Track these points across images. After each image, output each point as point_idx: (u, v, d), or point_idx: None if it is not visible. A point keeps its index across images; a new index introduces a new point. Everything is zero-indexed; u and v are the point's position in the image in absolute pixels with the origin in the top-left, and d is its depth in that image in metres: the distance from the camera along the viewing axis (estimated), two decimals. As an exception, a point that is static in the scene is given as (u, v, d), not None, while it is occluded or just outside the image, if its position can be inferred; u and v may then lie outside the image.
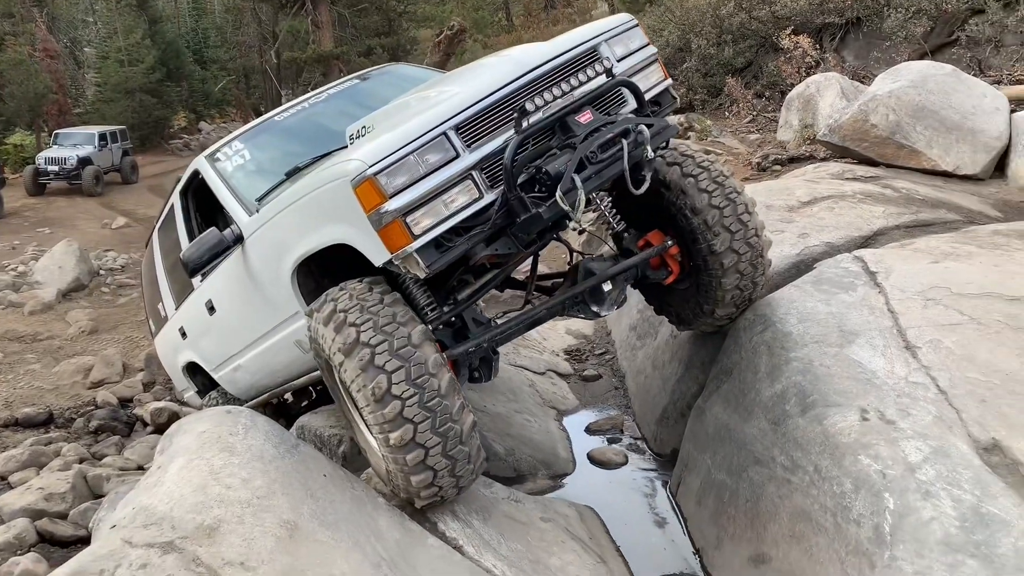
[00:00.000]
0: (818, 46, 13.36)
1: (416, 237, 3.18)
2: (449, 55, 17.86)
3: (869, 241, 5.64)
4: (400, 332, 3.32)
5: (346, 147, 4.00)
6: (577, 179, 3.25)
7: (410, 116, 3.46)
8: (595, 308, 4.05)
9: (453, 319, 3.80)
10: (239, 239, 4.25)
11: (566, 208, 3.24)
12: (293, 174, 4.34)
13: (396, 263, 3.26)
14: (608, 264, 4.16)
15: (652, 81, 3.93)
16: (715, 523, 4.14)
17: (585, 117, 3.44)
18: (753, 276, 4.34)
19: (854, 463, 3.38)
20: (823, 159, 8.35)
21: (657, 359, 5.76)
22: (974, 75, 9.05)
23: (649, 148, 3.44)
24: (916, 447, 3.28)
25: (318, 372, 4.20)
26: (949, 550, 2.84)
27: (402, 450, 3.34)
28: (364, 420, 3.58)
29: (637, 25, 3.96)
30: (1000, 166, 7.31)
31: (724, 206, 4.10)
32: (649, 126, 3.49)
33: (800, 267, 5.26)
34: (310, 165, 4.33)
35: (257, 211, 4.20)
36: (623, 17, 4.04)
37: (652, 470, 5.18)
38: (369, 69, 5.59)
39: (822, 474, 3.50)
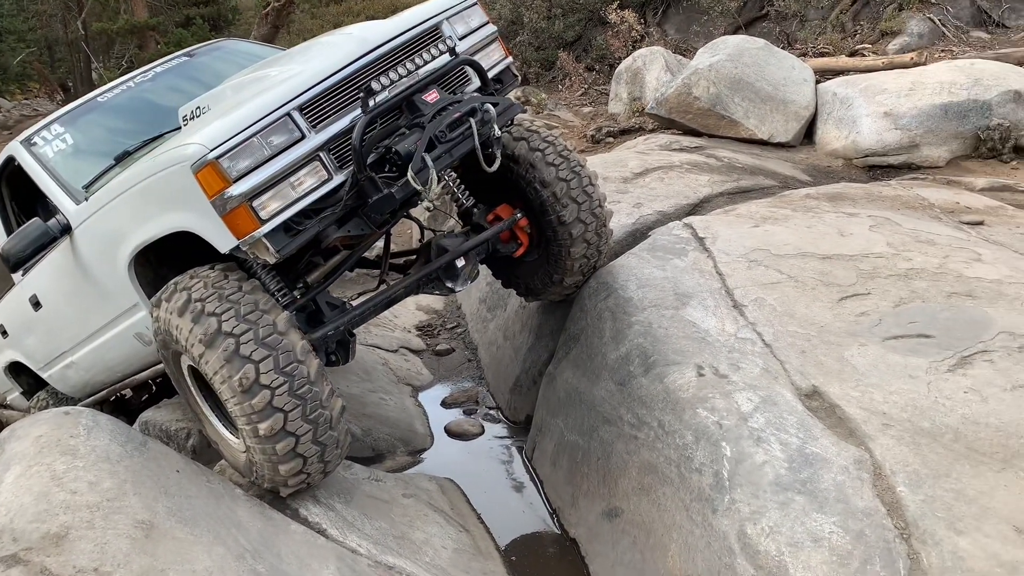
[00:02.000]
0: (643, 20, 13.87)
1: (264, 222, 3.12)
2: (278, 27, 17.15)
3: (696, 208, 6.01)
4: (265, 320, 3.25)
5: (179, 129, 3.83)
6: (428, 158, 3.28)
7: (251, 96, 3.36)
8: (450, 284, 4.12)
9: (307, 303, 3.76)
10: (66, 230, 3.98)
11: (419, 187, 3.27)
12: (123, 158, 4.11)
13: (243, 249, 3.19)
14: (460, 240, 4.22)
15: (494, 59, 3.99)
16: (570, 483, 4.34)
17: (431, 96, 3.47)
18: (598, 245, 4.54)
19: (693, 416, 3.63)
20: (652, 131, 8.74)
21: (508, 330, 5.91)
22: (783, 48, 9.73)
23: (496, 126, 3.53)
24: (747, 398, 3.57)
25: (160, 365, 4.03)
26: (780, 489, 3.13)
27: (272, 440, 3.29)
28: (226, 412, 3.48)
29: (477, 3, 4.00)
30: (809, 133, 7.95)
31: (571, 179, 4.26)
32: (495, 104, 3.57)
33: (636, 235, 5.54)
34: (141, 148, 4.12)
35: (85, 199, 3.94)
36: None
37: (508, 438, 5.34)
38: (199, 44, 5.33)
39: (665, 429, 3.74)
